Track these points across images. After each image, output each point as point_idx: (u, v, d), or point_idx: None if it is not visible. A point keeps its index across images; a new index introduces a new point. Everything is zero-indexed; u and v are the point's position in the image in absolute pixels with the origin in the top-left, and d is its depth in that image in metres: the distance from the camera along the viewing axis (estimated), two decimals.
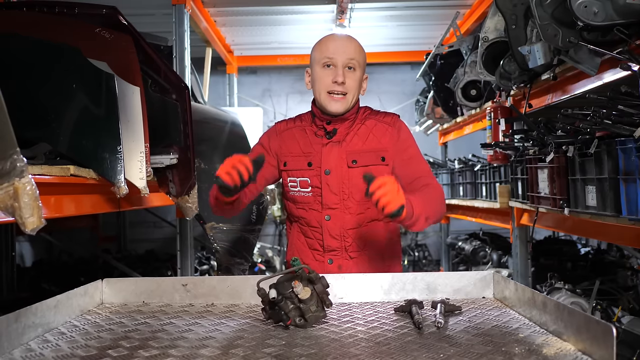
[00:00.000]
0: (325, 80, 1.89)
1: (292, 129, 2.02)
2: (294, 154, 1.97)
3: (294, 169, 1.96)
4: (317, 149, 1.94)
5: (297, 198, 1.97)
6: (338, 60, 1.88)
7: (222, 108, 5.02)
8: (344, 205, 1.91)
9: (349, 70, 1.90)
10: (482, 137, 3.64)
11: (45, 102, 2.07)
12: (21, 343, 1.29)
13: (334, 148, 1.93)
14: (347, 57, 1.89)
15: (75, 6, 2.28)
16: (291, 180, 1.97)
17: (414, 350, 1.22)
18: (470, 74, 4.10)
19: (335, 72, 1.88)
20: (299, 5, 4.83)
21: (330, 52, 1.89)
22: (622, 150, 2.02)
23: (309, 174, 1.94)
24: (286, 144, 2.00)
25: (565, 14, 2.09)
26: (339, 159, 1.91)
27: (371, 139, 1.95)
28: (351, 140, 1.94)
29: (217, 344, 1.30)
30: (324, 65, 1.90)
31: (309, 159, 1.94)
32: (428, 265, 7.18)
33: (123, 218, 6.93)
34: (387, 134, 1.96)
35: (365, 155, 1.92)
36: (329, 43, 1.92)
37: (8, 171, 1.14)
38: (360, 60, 1.93)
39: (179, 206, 2.78)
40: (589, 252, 4.31)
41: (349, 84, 1.89)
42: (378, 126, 1.97)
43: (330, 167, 1.91)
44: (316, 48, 1.95)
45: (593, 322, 1.11)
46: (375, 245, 1.96)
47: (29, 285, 4.59)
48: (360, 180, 1.86)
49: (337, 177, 1.91)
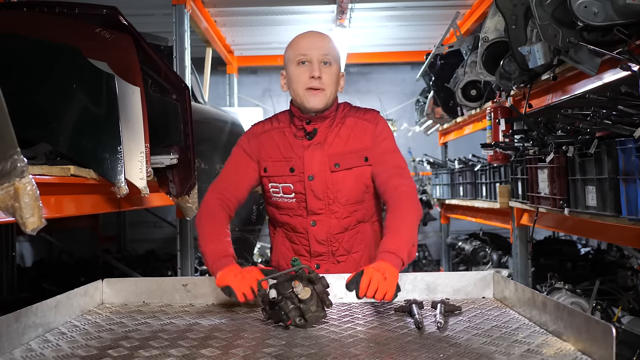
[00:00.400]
0: (302, 77, 1.83)
1: (270, 132, 1.93)
2: (274, 158, 1.89)
3: (276, 174, 1.89)
4: (299, 153, 1.86)
5: (280, 204, 1.90)
6: (313, 56, 1.82)
7: (222, 108, 5.02)
8: (330, 210, 1.85)
9: (324, 66, 1.84)
10: (482, 137, 3.64)
11: (45, 103, 2.07)
12: (22, 343, 1.30)
13: (316, 151, 1.86)
14: (322, 52, 1.83)
15: (75, 6, 2.28)
16: (273, 186, 1.90)
17: (414, 350, 1.22)
18: (470, 74, 4.10)
19: (311, 68, 1.82)
20: (299, 6, 4.82)
21: (304, 49, 1.84)
22: (622, 151, 2.02)
23: (292, 179, 1.86)
24: (265, 148, 1.91)
25: (565, 14, 2.09)
26: (321, 163, 1.84)
27: (352, 138, 1.88)
28: (333, 141, 1.87)
29: (217, 344, 1.30)
30: (298, 62, 1.84)
31: (290, 164, 1.86)
32: (428, 265, 7.18)
33: (123, 218, 6.93)
34: (368, 132, 1.89)
35: (348, 156, 1.86)
36: (302, 41, 1.87)
37: (8, 171, 1.14)
38: (335, 55, 1.88)
39: (179, 206, 2.78)
40: (589, 252, 4.31)
41: (326, 79, 1.83)
42: (359, 124, 1.90)
43: (313, 173, 1.84)
44: (289, 48, 1.90)
45: (593, 322, 1.11)
46: (362, 248, 1.91)
47: (29, 285, 4.59)
48: (344, 184, 1.84)
49: (321, 182, 1.84)
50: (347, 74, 7.45)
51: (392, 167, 1.84)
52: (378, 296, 1.45)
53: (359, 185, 1.86)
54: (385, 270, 1.50)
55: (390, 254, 1.56)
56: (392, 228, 1.66)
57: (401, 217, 1.69)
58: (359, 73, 7.77)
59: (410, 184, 1.80)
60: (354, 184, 1.85)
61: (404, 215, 1.69)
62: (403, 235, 1.63)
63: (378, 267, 1.50)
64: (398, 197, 1.74)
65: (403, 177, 1.82)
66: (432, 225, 7.27)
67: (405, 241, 1.61)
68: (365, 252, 1.90)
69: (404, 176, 1.82)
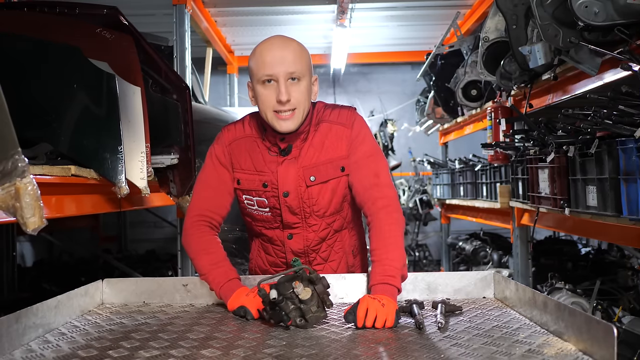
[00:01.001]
0: (269, 98, 1.65)
1: (241, 140, 1.78)
2: (247, 171, 1.76)
3: (248, 188, 1.76)
4: (272, 168, 1.73)
5: (255, 216, 1.80)
6: (279, 74, 1.62)
7: (223, 108, 5.02)
8: (307, 224, 1.76)
9: (293, 82, 1.65)
10: (483, 137, 3.64)
11: (46, 102, 2.07)
12: (22, 344, 1.29)
13: (290, 166, 1.72)
14: (288, 69, 1.63)
15: (76, 6, 2.28)
16: (247, 198, 1.78)
17: (415, 351, 1.22)
18: (470, 74, 4.10)
19: (278, 89, 1.63)
20: (299, 6, 4.83)
21: (268, 67, 1.63)
22: (623, 150, 2.01)
23: (266, 195, 1.75)
24: (236, 158, 1.77)
25: (566, 14, 2.09)
26: (296, 178, 1.72)
27: (327, 146, 1.74)
28: (307, 152, 1.73)
29: (217, 345, 1.30)
30: (264, 82, 1.65)
31: (263, 179, 1.74)
32: (428, 265, 7.18)
33: (124, 218, 6.93)
34: (343, 138, 1.74)
35: (323, 168, 1.73)
36: (265, 55, 1.65)
37: (9, 171, 1.14)
38: (304, 67, 1.67)
39: (179, 206, 2.79)
40: (590, 252, 4.30)
41: (296, 97, 1.65)
42: (333, 130, 1.75)
43: (288, 189, 1.72)
44: (252, 59, 1.69)
45: (594, 322, 1.11)
46: (339, 256, 1.84)
47: (30, 286, 4.59)
48: (321, 197, 1.74)
49: (296, 198, 1.73)
50: (348, 74, 7.56)
51: (369, 175, 1.72)
52: (378, 324, 1.42)
53: (336, 197, 1.76)
54: (382, 298, 1.47)
55: (384, 285, 1.52)
56: (379, 254, 1.59)
57: (385, 239, 1.61)
58: (359, 73, 7.77)
59: (389, 194, 1.70)
60: (331, 196, 1.75)
61: (387, 236, 1.61)
62: (392, 260, 1.56)
63: (374, 295, 1.49)
64: (378, 211, 1.66)
65: (381, 185, 1.70)
66: (433, 225, 7.28)
67: (396, 266, 1.56)
68: (343, 260, 1.85)
69: (382, 184, 1.71)
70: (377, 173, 1.72)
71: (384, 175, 1.73)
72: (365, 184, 1.71)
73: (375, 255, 1.59)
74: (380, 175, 1.72)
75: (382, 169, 1.74)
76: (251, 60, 1.69)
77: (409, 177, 7.43)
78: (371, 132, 1.84)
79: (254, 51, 1.69)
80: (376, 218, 1.65)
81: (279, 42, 1.69)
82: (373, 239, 1.63)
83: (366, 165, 1.73)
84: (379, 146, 1.88)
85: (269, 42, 1.70)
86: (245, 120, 1.82)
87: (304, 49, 1.70)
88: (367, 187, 1.70)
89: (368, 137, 1.78)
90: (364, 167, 1.73)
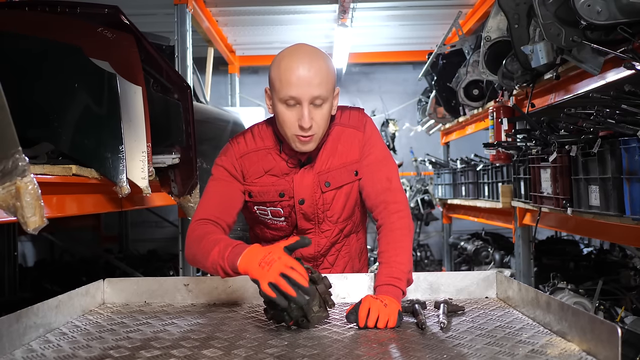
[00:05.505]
0: (291, 121, 1.61)
1: (252, 154, 1.74)
2: (261, 184, 1.73)
3: (263, 200, 1.75)
4: (288, 177, 1.73)
5: (268, 224, 1.80)
6: (302, 97, 1.57)
7: (224, 108, 5.03)
8: (319, 229, 1.78)
9: (316, 107, 1.60)
10: (485, 136, 3.64)
11: (47, 102, 2.07)
12: (22, 343, 1.29)
13: (306, 174, 1.72)
14: (313, 94, 1.57)
15: (77, 6, 2.28)
16: (260, 209, 1.77)
17: (417, 351, 1.21)
18: (472, 73, 4.09)
19: (301, 113, 1.58)
20: (301, 5, 4.82)
21: (293, 89, 1.56)
22: (626, 150, 2.01)
23: (282, 204, 1.74)
24: (249, 171, 1.74)
25: (568, 13, 2.08)
26: (312, 184, 1.72)
27: (340, 151, 1.73)
28: (320, 158, 1.73)
29: (219, 345, 1.29)
30: (286, 102, 1.59)
31: (279, 190, 1.73)
32: (430, 265, 7.18)
33: (125, 218, 6.93)
34: (356, 141, 1.74)
35: (337, 173, 1.73)
36: (290, 75, 1.56)
37: (10, 170, 1.13)
38: (329, 89, 1.61)
39: (180, 206, 2.78)
40: (592, 252, 4.30)
41: (317, 122, 1.61)
42: (345, 133, 1.74)
43: (304, 196, 1.72)
44: (275, 73, 1.60)
45: (597, 323, 1.10)
46: (346, 260, 1.86)
47: (31, 285, 4.60)
48: (335, 203, 1.74)
49: (312, 204, 1.73)
50: (349, 73, 7.55)
51: (381, 179, 1.71)
52: (380, 324, 1.41)
53: (350, 202, 1.77)
54: (385, 298, 1.46)
55: (389, 286, 1.52)
56: (387, 257, 1.59)
57: (395, 242, 1.60)
58: (361, 72, 7.77)
59: (401, 199, 1.70)
60: (344, 201, 1.76)
61: (397, 240, 1.61)
62: (400, 264, 1.56)
63: (377, 295, 1.48)
64: (390, 215, 1.65)
65: (393, 190, 1.70)
66: (434, 225, 7.27)
67: (403, 270, 1.56)
68: (349, 264, 1.86)
69: (394, 189, 1.71)
70: (390, 177, 1.72)
71: (395, 179, 1.74)
72: (377, 188, 1.71)
73: (384, 257, 1.59)
74: (392, 180, 1.72)
75: (393, 173, 1.75)
76: (274, 71, 1.61)
77: (411, 177, 7.43)
78: (380, 133, 1.83)
79: (279, 63, 1.60)
80: (388, 222, 1.65)
81: (306, 60, 1.59)
82: (383, 242, 1.62)
83: (378, 170, 1.73)
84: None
85: (296, 57, 1.60)
86: (253, 133, 1.78)
87: (330, 67, 1.63)
88: (379, 192, 1.70)
89: (379, 140, 1.78)
90: (376, 171, 1.73)
